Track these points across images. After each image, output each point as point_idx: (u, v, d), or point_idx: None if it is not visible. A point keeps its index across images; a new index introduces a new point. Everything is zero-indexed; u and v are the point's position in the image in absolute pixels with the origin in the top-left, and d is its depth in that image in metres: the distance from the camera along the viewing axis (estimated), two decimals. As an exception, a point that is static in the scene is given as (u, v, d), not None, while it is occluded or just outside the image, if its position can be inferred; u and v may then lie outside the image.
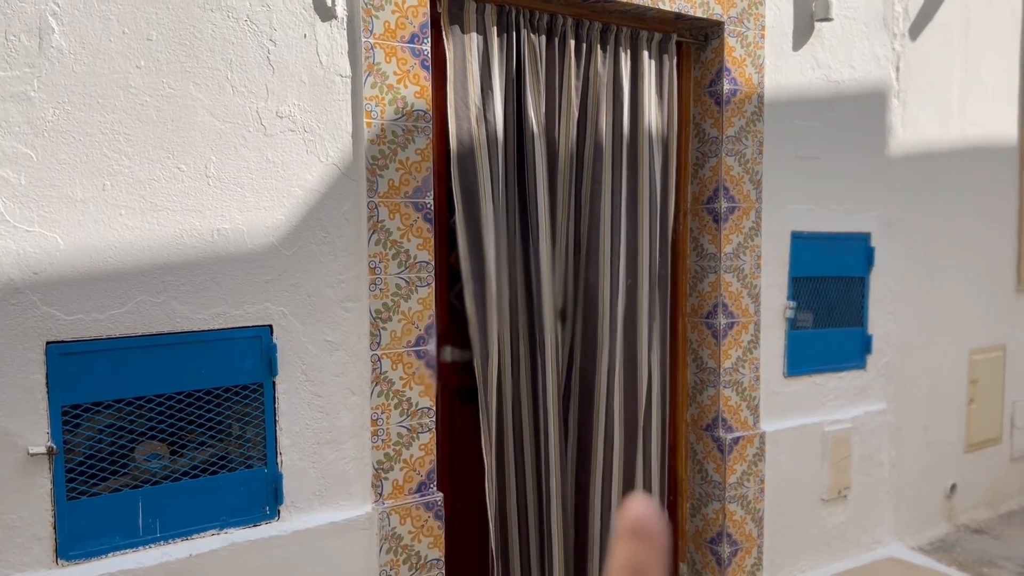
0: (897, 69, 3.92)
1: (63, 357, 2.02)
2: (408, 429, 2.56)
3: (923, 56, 4.05)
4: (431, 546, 2.58)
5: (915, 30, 4.01)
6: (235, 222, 2.25)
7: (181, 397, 2.20)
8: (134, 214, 2.11)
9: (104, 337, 2.08)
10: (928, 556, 4.05)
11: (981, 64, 4.38)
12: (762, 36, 3.35)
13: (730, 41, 3.25)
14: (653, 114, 3.13)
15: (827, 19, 3.49)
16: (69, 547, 2.05)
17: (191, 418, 2.22)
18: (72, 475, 2.06)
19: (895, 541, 4.08)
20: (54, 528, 2.03)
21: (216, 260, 2.23)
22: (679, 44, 3.28)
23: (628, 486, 3.14)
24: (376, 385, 2.49)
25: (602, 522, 3.08)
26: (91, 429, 2.09)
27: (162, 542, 2.18)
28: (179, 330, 2.18)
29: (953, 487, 4.42)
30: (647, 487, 3.20)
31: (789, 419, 3.60)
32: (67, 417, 2.04)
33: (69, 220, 2.02)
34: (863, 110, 3.78)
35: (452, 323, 2.92)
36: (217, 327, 2.24)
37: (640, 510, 0.36)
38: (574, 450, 3.09)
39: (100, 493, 2.11)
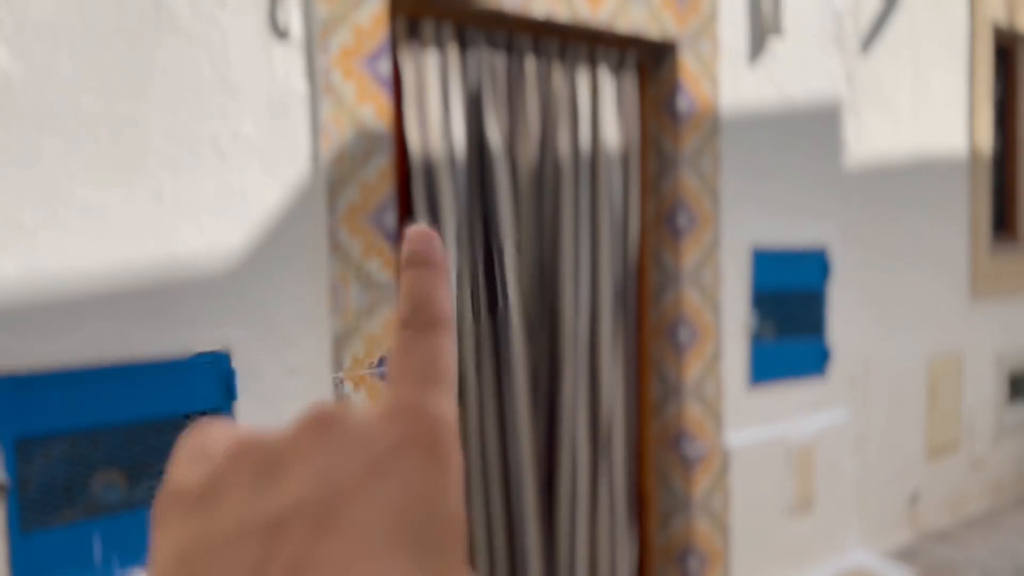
0: (849, 84, 3.99)
1: (15, 388, 1.97)
2: (372, 452, 2.52)
3: (874, 71, 4.14)
4: None
5: (866, 46, 4.09)
6: (191, 246, 2.22)
7: (138, 426, 2.16)
8: (87, 240, 2.07)
9: (57, 366, 2.03)
10: (893, 563, 4.10)
11: (930, 78, 4.48)
12: (717, 54, 3.40)
13: (686, 59, 3.29)
14: (611, 132, 3.15)
15: (780, 36, 3.55)
16: (23, 583, 1.99)
17: (149, 447, 2.18)
18: (26, 509, 2.01)
19: (860, 549, 4.12)
20: (8, 564, 1.97)
21: (172, 285, 2.19)
22: (636, 62, 3.32)
23: (594, 503, 3.14)
24: (339, 408, 2.46)
25: (569, 540, 3.07)
26: (45, 461, 2.04)
27: (120, 574, 2.12)
28: (135, 357, 2.14)
29: (915, 494, 4.48)
30: (613, 503, 3.20)
31: (753, 431, 3.62)
32: (20, 450, 1.99)
33: (19, 247, 1.98)
34: (817, 124, 3.85)
35: (415, 343, 2.90)
36: (174, 353, 2.20)
37: (417, 236, 0.32)
38: (543, 468, 3.08)
39: (56, 526, 2.05)
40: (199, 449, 0.28)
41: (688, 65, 3.31)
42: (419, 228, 0.33)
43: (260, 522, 0.25)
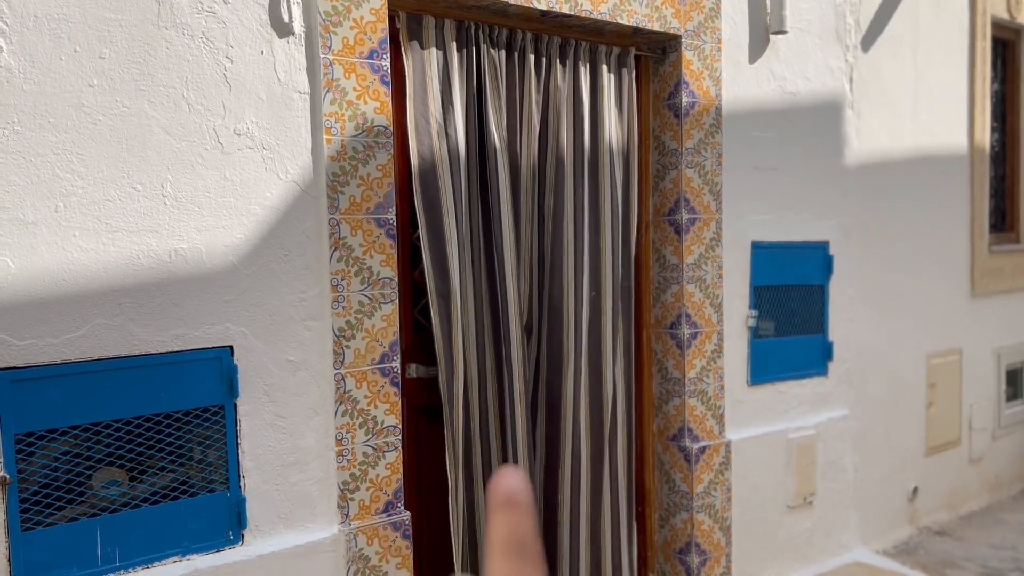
0: (850, 80, 3.99)
1: (16, 384, 1.96)
2: (374, 448, 2.53)
3: (875, 67, 4.13)
4: (399, 566, 2.55)
5: (867, 42, 4.09)
6: (193, 242, 2.21)
7: (140, 422, 2.15)
8: (88, 235, 2.06)
9: (59, 362, 2.02)
10: (892, 559, 4.10)
11: (931, 74, 4.48)
12: (719, 49, 3.39)
13: (687, 54, 3.29)
14: (613, 127, 3.15)
15: (782, 32, 3.54)
16: (24, 580, 1.99)
17: (150, 443, 2.17)
18: (27, 505, 2.00)
19: (860, 545, 4.12)
20: (8, 561, 1.97)
21: (174, 281, 2.19)
22: (637, 58, 3.31)
23: (596, 499, 3.14)
24: (340, 404, 2.46)
25: (570, 536, 3.07)
26: (46, 457, 2.04)
27: (122, 571, 2.12)
28: (137, 353, 2.14)
29: (915, 490, 4.49)
30: (614, 498, 3.20)
31: (754, 427, 3.62)
32: (21, 445, 1.99)
33: (20, 243, 1.97)
34: (819, 121, 3.84)
35: (417, 340, 2.90)
36: (176, 349, 2.19)
37: (509, 482, 0.38)
38: (542, 464, 3.08)
39: (57, 523, 2.05)
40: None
41: (690, 61, 3.30)
42: (509, 474, 0.39)
43: None
